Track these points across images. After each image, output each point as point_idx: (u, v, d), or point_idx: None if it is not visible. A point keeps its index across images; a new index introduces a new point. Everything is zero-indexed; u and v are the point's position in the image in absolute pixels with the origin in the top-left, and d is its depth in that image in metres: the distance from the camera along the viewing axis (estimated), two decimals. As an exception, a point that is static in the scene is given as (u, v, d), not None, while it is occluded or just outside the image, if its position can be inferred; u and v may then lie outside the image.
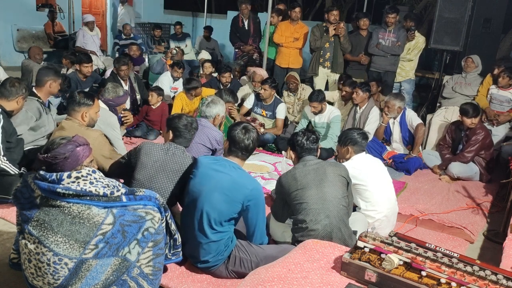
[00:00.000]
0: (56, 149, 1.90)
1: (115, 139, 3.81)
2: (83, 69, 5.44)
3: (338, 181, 2.66)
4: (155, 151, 2.71)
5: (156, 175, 2.65)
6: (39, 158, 1.90)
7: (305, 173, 2.66)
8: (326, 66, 6.28)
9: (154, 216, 1.96)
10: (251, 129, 2.54)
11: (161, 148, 2.74)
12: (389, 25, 5.94)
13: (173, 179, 2.66)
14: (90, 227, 1.80)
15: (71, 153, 1.92)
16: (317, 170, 2.67)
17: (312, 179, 2.63)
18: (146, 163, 2.68)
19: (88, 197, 1.81)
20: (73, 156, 1.92)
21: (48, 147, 1.93)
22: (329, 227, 2.52)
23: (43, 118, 3.73)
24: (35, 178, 1.85)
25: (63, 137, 1.98)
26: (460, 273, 1.89)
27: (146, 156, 2.70)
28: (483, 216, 3.83)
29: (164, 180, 2.65)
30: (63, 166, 1.89)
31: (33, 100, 3.72)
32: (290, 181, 2.67)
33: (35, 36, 8.82)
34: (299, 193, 2.62)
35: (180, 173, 2.67)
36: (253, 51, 7.32)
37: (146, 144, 2.78)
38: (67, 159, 1.90)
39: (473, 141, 4.51)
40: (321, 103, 4.93)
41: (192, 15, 12.30)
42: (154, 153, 2.70)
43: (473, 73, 5.62)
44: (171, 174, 2.66)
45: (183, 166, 2.68)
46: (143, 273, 1.94)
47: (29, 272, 1.85)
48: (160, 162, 2.67)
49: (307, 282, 1.96)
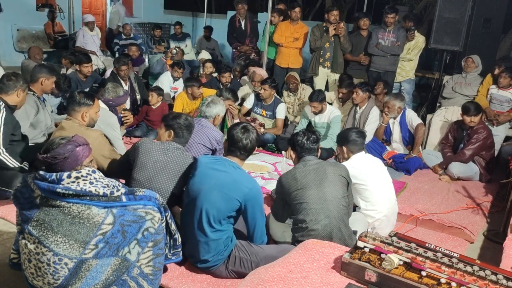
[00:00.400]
0: (55, 149, 1.90)
1: (115, 139, 3.81)
2: (83, 69, 5.44)
3: (338, 181, 2.66)
4: (154, 150, 2.70)
5: (156, 175, 2.64)
6: (38, 158, 1.90)
7: (305, 173, 2.66)
8: (326, 66, 6.28)
9: (154, 216, 1.96)
10: (251, 129, 2.55)
11: (160, 147, 2.72)
12: (389, 25, 5.94)
13: (174, 180, 2.66)
14: (90, 227, 1.80)
15: (70, 153, 1.92)
16: (317, 170, 2.67)
17: (312, 179, 2.63)
18: (146, 164, 2.66)
19: (88, 197, 1.81)
20: (72, 156, 1.92)
21: (47, 147, 1.93)
22: (329, 227, 2.52)
23: (41, 112, 3.80)
24: (34, 178, 1.84)
25: (62, 137, 1.98)
26: (460, 273, 1.89)
27: (145, 155, 2.68)
28: (483, 216, 3.83)
29: (164, 181, 2.64)
30: (63, 166, 1.89)
31: (30, 94, 3.77)
32: (290, 181, 2.68)
33: (35, 36, 8.82)
34: (299, 193, 2.62)
35: (181, 173, 2.67)
36: (250, 51, 7.30)
37: (145, 142, 2.76)
38: (67, 159, 1.90)
39: (474, 139, 4.51)
40: (321, 103, 4.94)
41: (192, 15, 12.31)
42: (154, 153, 2.69)
43: (473, 73, 5.62)
44: (171, 175, 2.65)
45: (184, 167, 2.68)
46: (143, 273, 1.94)
47: (29, 272, 1.85)
48: (160, 163, 2.66)
49: (307, 282, 1.96)
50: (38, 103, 3.82)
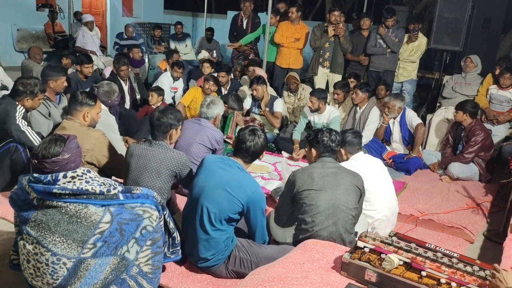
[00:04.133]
0: (62, 152, 1.82)
1: (114, 141, 3.81)
2: (84, 70, 5.44)
3: (352, 191, 2.61)
4: (136, 151, 2.76)
5: (140, 176, 2.70)
6: (43, 164, 1.80)
7: (323, 175, 2.61)
8: (325, 66, 6.29)
9: (151, 214, 1.95)
10: (259, 135, 2.53)
11: (144, 147, 2.76)
12: (389, 28, 5.95)
13: (158, 177, 2.69)
14: (87, 226, 1.79)
15: (76, 152, 1.88)
16: (335, 174, 2.62)
17: (329, 183, 2.58)
18: (130, 165, 2.76)
19: (85, 196, 1.80)
20: (78, 154, 1.89)
21: (45, 153, 1.81)
22: (334, 235, 2.51)
23: (53, 113, 3.90)
24: (29, 181, 1.82)
25: (50, 139, 1.88)
26: (460, 273, 1.89)
27: (130, 157, 2.78)
28: (483, 216, 3.83)
29: (148, 180, 2.69)
30: (65, 167, 1.84)
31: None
32: (306, 178, 2.61)
33: (35, 36, 8.82)
34: (311, 194, 2.56)
35: (165, 169, 2.69)
36: (249, 52, 7.29)
37: (132, 145, 2.84)
38: (72, 160, 1.86)
39: (472, 142, 4.51)
40: (319, 101, 4.89)
41: (192, 15, 12.31)
42: (136, 153, 2.76)
43: (473, 73, 5.62)
44: (153, 173, 2.69)
45: (165, 162, 2.70)
46: (142, 272, 1.94)
47: (28, 273, 1.85)
48: (142, 162, 2.72)
49: (307, 282, 1.96)
50: (47, 106, 3.90)
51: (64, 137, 1.90)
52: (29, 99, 3.45)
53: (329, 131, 2.76)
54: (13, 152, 3.32)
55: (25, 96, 3.42)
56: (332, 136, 2.72)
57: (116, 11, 10.55)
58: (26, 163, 3.33)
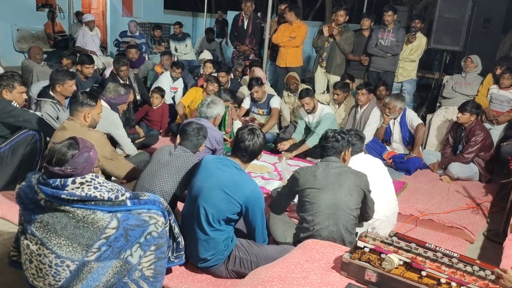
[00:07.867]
0: (73, 160, 1.81)
1: (120, 138, 3.82)
2: (85, 70, 5.44)
3: (355, 192, 2.62)
4: (160, 151, 2.87)
5: (158, 171, 2.74)
6: (53, 170, 1.79)
7: (326, 175, 2.63)
8: (323, 66, 6.31)
9: (157, 220, 1.95)
10: (258, 134, 2.53)
11: (167, 150, 2.87)
12: (387, 23, 5.94)
13: (175, 176, 2.71)
14: (94, 231, 1.79)
15: (87, 160, 1.85)
16: (339, 175, 2.64)
17: (332, 183, 2.60)
18: (151, 161, 2.86)
19: (93, 202, 1.80)
20: (89, 162, 1.86)
21: (59, 158, 1.79)
22: (335, 234, 2.52)
23: (61, 117, 3.94)
24: (39, 182, 1.82)
25: (65, 144, 1.87)
26: (460, 273, 1.89)
27: (153, 156, 2.89)
28: (483, 216, 3.83)
29: (165, 176, 2.71)
30: (78, 174, 1.82)
31: (48, 101, 3.94)
32: (308, 176, 2.65)
33: (35, 36, 8.82)
34: (313, 192, 2.60)
35: (183, 171, 2.72)
36: (249, 52, 7.29)
37: (158, 149, 2.96)
38: (85, 167, 1.84)
39: (472, 142, 4.51)
40: (312, 99, 4.85)
41: (192, 15, 12.32)
42: (159, 153, 2.86)
43: (473, 73, 5.62)
44: (172, 170, 2.73)
45: (186, 165, 2.74)
46: (144, 276, 1.94)
47: (30, 273, 1.85)
48: (164, 160, 2.79)
49: (307, 282, 1.96)
50: (56, 109, 3.95)
51: (78, 145, 1.86)
52: (7, 92, 3.45)
53: (338, 132, 2.81)
54: (29, 141, 3.33)
55: (2, 88, 3.43)
56: (339, 137, 2.77)
57: (116, 11, 10.56)
58: (38, 157, 3.36)
